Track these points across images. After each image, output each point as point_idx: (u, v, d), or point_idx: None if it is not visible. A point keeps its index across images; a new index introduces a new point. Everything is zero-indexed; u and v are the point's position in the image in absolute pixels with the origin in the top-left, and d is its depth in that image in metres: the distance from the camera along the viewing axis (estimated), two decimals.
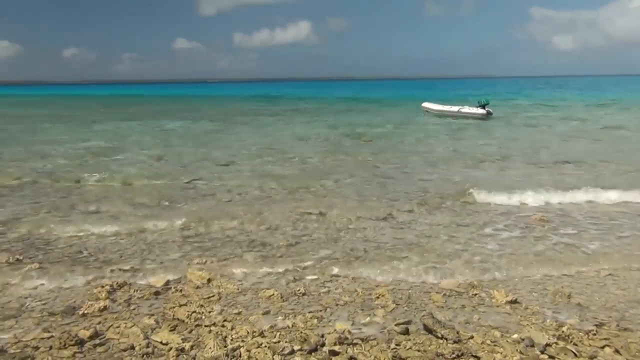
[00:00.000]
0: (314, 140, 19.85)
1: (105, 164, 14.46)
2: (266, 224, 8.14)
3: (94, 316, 4.80)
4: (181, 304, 4.94)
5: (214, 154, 16.13)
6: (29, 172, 13.03)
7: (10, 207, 9.27)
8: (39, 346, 4.18)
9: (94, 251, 6.85)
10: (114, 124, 28.69)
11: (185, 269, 6.12)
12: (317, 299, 5.21)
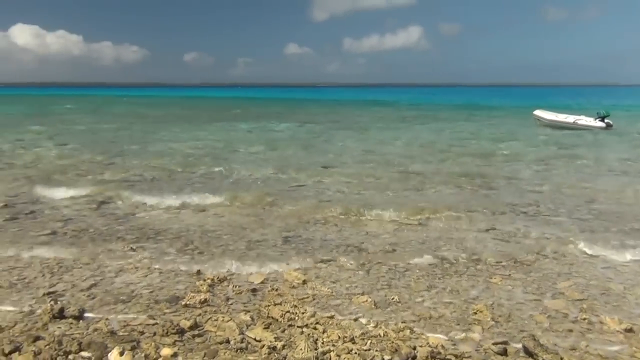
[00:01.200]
0: (418, 146, 19.53)
1: (214, 162, 15.43)
2: (365, 228, 8.24)
3: (194, 307, 5.19)
4: (276, 302, 5.16)
5: (318, 156, 16.55)
6: (146, 167, 14.35)
7: (128, 196, 10.24)
8: (144, 331, 4.61)
9: (199, 244, 7.39)
10: (226, 125, 30.54)
11: (282, 268, 6.39)
12: (411, 309, 5.18)
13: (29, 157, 16.28)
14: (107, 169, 13.97)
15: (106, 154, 17.04)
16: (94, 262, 6.60)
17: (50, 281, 5.93)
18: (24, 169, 13.67)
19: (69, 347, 4.21)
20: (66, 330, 4.66)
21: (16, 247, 7.13)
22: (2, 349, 4.20)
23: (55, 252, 6.96)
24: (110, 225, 8.39)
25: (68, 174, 13.12)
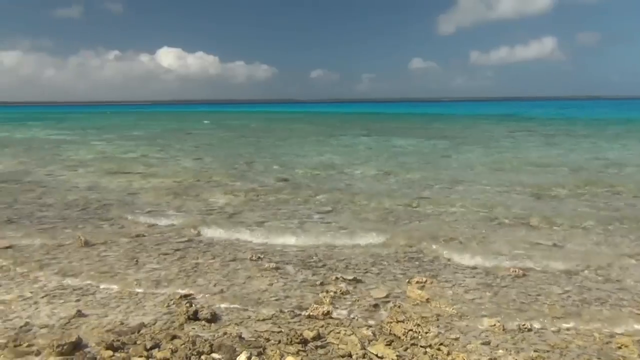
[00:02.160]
0: (552, 166, 18.04)
1: (336, 177, 15.76)
2: (492, 249, 7.89)
3: (317, 319, 5.34)
4: (399, 320, 5.14)
5: (442, 173, 16.16)
6: (273, 179, 15.08)
7: (253, 212, 10.82)
8: (269, 338, 4.84)
9: (322, 257, 7.59)
10: (349, 140, 31.10)
11: (404, 285, 6.35)
12: (545, 338, 4.86)
13: (169, 168, 17.88)
14: (238, 180, 14.88)
15: (237, 166, 18.20)
16: (226, 268, 7.06)
17: (187, 283, 6.45)
18: (165, 179, 15.02)
19: (201, 348, 4.55)
20: (200, 331, 5.04)
21: (160, 249, 7.87)
22: (144, 344, 4.66)
23: (191, 256, 7.57)
24: (242, 234, 8.92)
25: (203, 185, 14.18)
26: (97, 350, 4.61)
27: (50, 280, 6.59)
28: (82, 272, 6.85)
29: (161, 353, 4.50)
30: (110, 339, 4.82)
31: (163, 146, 27.17)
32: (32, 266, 7.07)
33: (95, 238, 8.54)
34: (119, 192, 13.08)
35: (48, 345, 4.63)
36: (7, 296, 6.01)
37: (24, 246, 8.15)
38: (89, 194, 12.85)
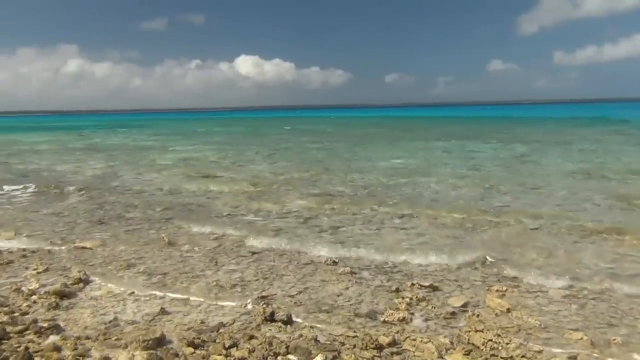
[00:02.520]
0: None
1: (412, 181, 15.56)
2: (577, 260, 7.47)
3: (393, 325, 5.29)
4: (477, 329, 4.98)
5: (523, 178, 15.51)
6: (348, 184, 15.13)
7: (328, 217, 10.89)
8: (344, 343, 4.85)
9: (398, 263, 7.50)
10: (425, 144, 30.58)
11: (484, 294, 6.16)
12: (637, 354, 4.53)
13: (247, 172, 18.39)
14: (313, 185, 15.05)
15: (312, 171, 18.40)
16: (302, 271, 7.16)
17: (264, 286, 6.60)
18: (242, 183, 15.45)
19: (278, 349, 4.63)
20: (276, 333, 5.14)
21: (237, 251, 8.11)
22: (223, 343, 4.81)
23: (268, 259, 7.74)
24: (316, 237, 9.01)
25: (279, 189, 14.45)
26: (179, 346, 4.81)
27: (137, 277, 6.96)
28: (165, 272, 7.18)
29: (239, 352, 4.62)
30: (192, 336, 5.01)
31: (241, 151, 27.98)
32: (120, 265, 7.49)
33: (178, 239, 8.93)
34: (199, 195, 13.61)
35: (134, 339, 4.89)
36: (98, 292, 6.41)
37: (113, 245, 8.66)
38: (171, 196, 13.46)
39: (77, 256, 8.06)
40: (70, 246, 8.64)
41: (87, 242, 8.82)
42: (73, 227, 10.05)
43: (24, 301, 6.06)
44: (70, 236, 9.33)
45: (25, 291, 6.36)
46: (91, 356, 4.62)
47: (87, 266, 7.48)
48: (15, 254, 8.16)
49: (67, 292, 6.30)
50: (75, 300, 6.15)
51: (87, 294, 6.35)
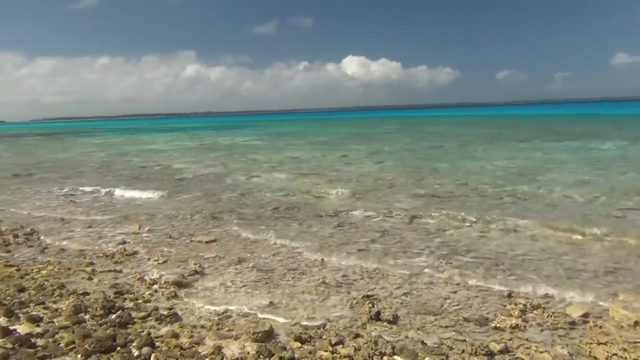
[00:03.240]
0: None
1: (526, 182, 14.81)
2: None
3: (504, 331, 5.05)
4: (600, 341, 4.63)
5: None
6: (456, 184, 14.71)
7: (438, 213, 10.64)
8: (452, 347, 4.72)
9: (510, 266, 7.16)
10: (539, 144, 28.94)
11: (607, 304, 5.69)
12: None
13: (353, 172, 18.51)
14: (419, 185, 14.81)
15: (419, 171, 18.12)
16: (409, 271, 7.07)
17: (369, 285, 6.60)
18: (348, 183, 15.57)
19: (383, 349, 4.61)
20: (382, 333, 5.12)
21: (342, 250, 8.19)
22: (329, 339, 4.87)
23: (373, 259, 7.72)
24: (422, 239, 8.85)
25: (385, 189, 14.39)
26: (287, 340, 4.95)
27: (247, 271, 7.26)
28: (274, 268, 7.42)
29: (345, 350, 4.66)
30: (299, 331, 5.14)
31: (347, 151, 28.21)
32: (233, 259, 7.86)
33: (286, 236, 9.19)
34: (306, 194, 13.90)
35: (245, 331, 5.11)
36: (212, 283, 6.77)
37: (226, 240, 9.11)
38: (280, 195, 13.89)
39: (193, 249, 8.58)
40: (187, 240, 9.21)
41: (201, 236, 9.37)
42: (189, 223, 10.71)
43: (146, 289, 6.56)
44: (186, 230, 9.95)
45: (148, 280, 6.89)
46: (205, 344, 4.89)
47: (202, 259, 7.93)
48: (139, 245, 8.86)
49: (184, 282, 6.72)
50: (192, 290, 6.54)
51: (202, 285, 6.74)
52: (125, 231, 10.01)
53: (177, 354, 4.60)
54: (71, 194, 15.20)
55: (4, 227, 10.66)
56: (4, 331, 5.01)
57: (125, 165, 24.01)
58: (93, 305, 5.84)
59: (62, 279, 7.07)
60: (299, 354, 4.59)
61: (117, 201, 13.73)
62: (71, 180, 18.93)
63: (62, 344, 4.80)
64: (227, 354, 4.65)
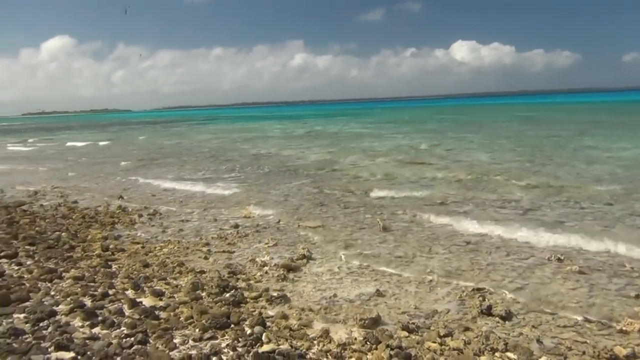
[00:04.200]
0: None
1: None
2: None
3: (632, 335, 4.67)
4: None
5: None
6: (574, 175, 13.75)
7: (552, 210, 10.03)
8: (572, 347, 4.45)
9: (638, 267, 6.57)
10: None
11: None
12: None
13: (462, 161, 17.96)
14: (534, 175, 14.04)
15: (533, 160, 17.19)
16: (521, 266, 6.75)
17: (479, 277, 6.39)
18: (457, 171, 15.12)
19: (495, 345, 4.45)
20: (493, 328, 4.94)
21: (450, 241, 7.99)
22: (438, 331, 4.79)
23: (483, 250, 7.46)
24: (535, 233, 8.38)
25: (497, 178, 13.80)
26: (394, 329, 4.94)
27: (353, 258, 7.32)
28: (380, 255, 7.42)
29: (454, 342, 4.56)
30: (406, 320, 5.10)
31: (455, 139, 27.42)
32: (339, 245, 7.97)
33: (392, 224, 9.14)
34: (413, 183, 13.70)
35: (352, 317, 5.17)
36: (319, 269, 6.91)
37: (332, 226, 9.25)
38: (385, 182, 13.82)
39: (302, 234, 8.80)
40: (295, 225, 9.46)
41: (309, 222, 9.58)
42: (297, 207, 10.99)
43: (257, 271, 6.84)
44: (295, 215, 10.22)
45: (259, 262, 7.17)
46: (313, 327, 5.01)
47: (310, 244, 8.11)
48: (250, 229, 9.25)
49: (293, 266, 6.92)
50: (300, 274, 6.72)
51: (309, 269, 6.90)
52: (238, 215, 10.49)
53: (287, 334, 4.75)
54: (187, 179, 16.18)
55: (130, 207, 11.61)
56: (132, 302, 5.47)
57: (236, 152, 25.12)
58: (209, 284, 6.20)
59: (181, 257, 7.57)
60: (407, 343, 4.56)
61: (230, 186, 14.40)
62: (188, 165, 20.17)
63: (181, 317, 5.14)
64: (334, 338, 4.72)
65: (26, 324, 4.84)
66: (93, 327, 4.86)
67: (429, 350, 4.43)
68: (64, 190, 14.66)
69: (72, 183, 16.27)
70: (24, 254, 7.54)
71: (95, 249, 7.95)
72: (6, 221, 9.96)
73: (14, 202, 12.44)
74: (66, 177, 17.98)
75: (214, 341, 4.59)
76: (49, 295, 5.76)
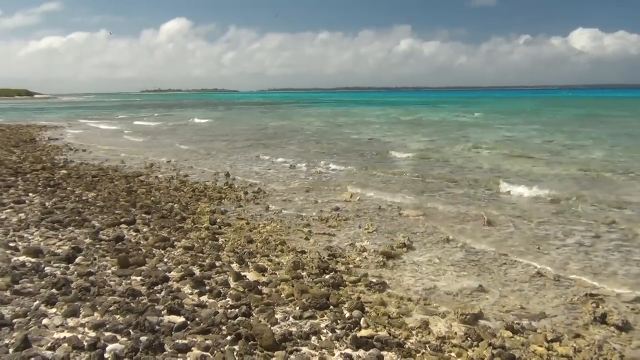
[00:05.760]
0: None
1: None
2: None
3: None
4: None
5: None
6: None
7: None
8: None
9: None
10: None
11: None
12: None
13: (576, 157, 16.85)
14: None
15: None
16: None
17: (592, 283, 5.97)
18: (570, 169, 14.21)
19: (609, 357, 4.16)
20: (607, 338, 4.61)
21: (562, 242, 7.55)
22: (545, 335, 4.55)
23: (598, 256, 6.97)
24: None
25: (618, 179, 12.81)
26: (496, 327, 4.77)
27: (456, 251, 7.14)
28: (484, 250, 7.17)
29: (563, 349, 4.32)
30: (510, 320, 4.90)
31: (570, 134, 25.71)
32: (441, 237, 7.80)
33: (498, 219, 8.79)
34: (522, 177, 13.06)
35: (453, 311, 5.05)
36: (419, 259, 6.82)
37: (434, 216, 9.07)
38: (490, 176, 13.28)
39: (402, 223, 8.71)
40: (396, 213, 9.39)
41: (410, 210, 9.46)
42: (398, 194, 10.87)
43: (357, 256, 6.88)
44: (395, 203, 10.12)
45: (358, 247, 7.21)
46: (412, 317, 4.96)
47: (410, 233, 8.01)
48: (350, 213, 9.31)
49: (393, 254, 6.88)
50: (399, 262, 6.67)
51: (409, 259, 6.82)
52: (339, 198, 10.59)
53: (385, 321, 4.75)
54: (292, 159, 16.57)
55: (236, 184, 12.11)
56: (237, 276, 5.72)
57: (338, 136, 25.32)
58: (309, 264, 6.33)
59: (283, 236, 7.79)
60: (510, 344, 4.39)
61: (332, 170, 14.56)
62: (291, 147, 20.66)
63: (283, 295, 5.30)
64: (434, 331, 4.65)
65: (142, 287, 5.22)
66: (201, 295, 5.15)
67: (535, 354, 4.23)
68: (177, 164, 15.60)
69: (184, 157, 17.29)
70: (141, 222, 8.12)
71: (204, 222, 8.39)
72: (126, 190, 10.78)
73: (133, 173, 13.45)
74: (179, 152, 19.13)
75: (313, 321, 4.68)
76: (162, 262, 6.16)
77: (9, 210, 8.22)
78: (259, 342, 4.02)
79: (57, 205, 8.87)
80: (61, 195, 9.79)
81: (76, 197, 9.73)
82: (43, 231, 7.08)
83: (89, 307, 4.47)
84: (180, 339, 4.02)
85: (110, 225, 7.75)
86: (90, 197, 9.90)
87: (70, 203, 9.11)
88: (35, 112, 62.04)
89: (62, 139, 24.42)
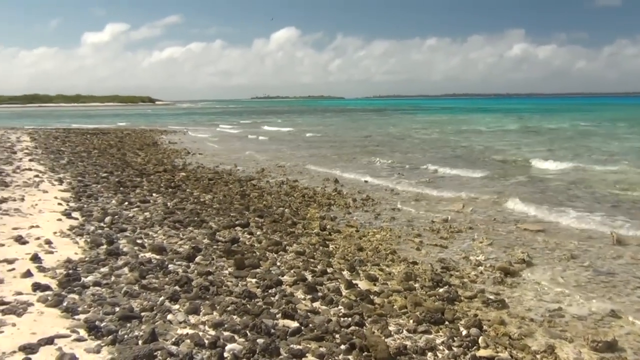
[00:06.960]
0: None
1: None
2: None
3: None
4: None
5: None
6: None
7: None
8: None
9: None
10: None
11: None
12: None
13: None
14: None
15: None
16: None
17: None
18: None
19: None
20: None
21: None
22: None
23: None
24: None
25: None
26: (633, 357, 4.30)
27: (581, 270, 6.59)
28: (614, 272, 6.54)
29: None
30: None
31: None
32: (564, 254, 7.24)
33: (629, 239, 8.02)
34: None
35: (582, 336, 4.64)
36: (541, 276, 6.36)
37: (555, 232, 8.47)
38: (618, 189, 12.17)
39: (519, 236, 8.23)
40: (512, 225, 8.90)
41: (529, 224, 8.92)
42: (514, 207, 10.26)
43: (472, 270, 6.58)
44: (511, 216, 9.60)
45: (473, 261, 6.91)
46: (535, 339, 4.63)
47: (529, 248, 7.53)
48: (463, 224, 8.94)
49: (511, 270, 6.48)
50: (518, 280, 6.28)
51: (529, 276, 6.39)
52: (449, 208, 10.25)
53: (506, 342, 4.47)
54: (399, 167, 16.35)
55: (345, 190, 12.15)
56: (348, 283, 5.68)
57: (445, 143, 24.70)
58: (422, 276, 6.15)
59: (394, 245, 7.65)
60: None
61: (441, 178, 14.19)
62: (397, 154, 20.41)
63: (395, 306, 5.18)
64: (560, 356, 4.30)
65: (257, 289, 5.33)
66: (314, 301, 5.16)
67: None
68: (286, 169, 15.98)
69: (292, 162, 17.69)
70: (254, 225, 8.36)
71: (314, 227, 8.47)
72: (239, 193, 11.20)
73: (246, 177, 13.97)
74: (288, 157, 19.61)
75: (428, 335, 4.51)
76: (275, 265, 6.28)
77: (135, 209, 8.82)
78: (373, 354, 3.93)
79: (178, 205, 9.39)
80: (181, 196, 10.36)
81: (194, 199, 10.25)
82: (166, 230, 7.51)
83: (208, 305, 4.64)
84: (294, 344, 4.03)
85: (225, 227, 8.05)
86: (206, 199, 10.39)
87: (189, 204, 9.62)
88: (157, 117, 66.81)
89: (180, 142, 26.02)
